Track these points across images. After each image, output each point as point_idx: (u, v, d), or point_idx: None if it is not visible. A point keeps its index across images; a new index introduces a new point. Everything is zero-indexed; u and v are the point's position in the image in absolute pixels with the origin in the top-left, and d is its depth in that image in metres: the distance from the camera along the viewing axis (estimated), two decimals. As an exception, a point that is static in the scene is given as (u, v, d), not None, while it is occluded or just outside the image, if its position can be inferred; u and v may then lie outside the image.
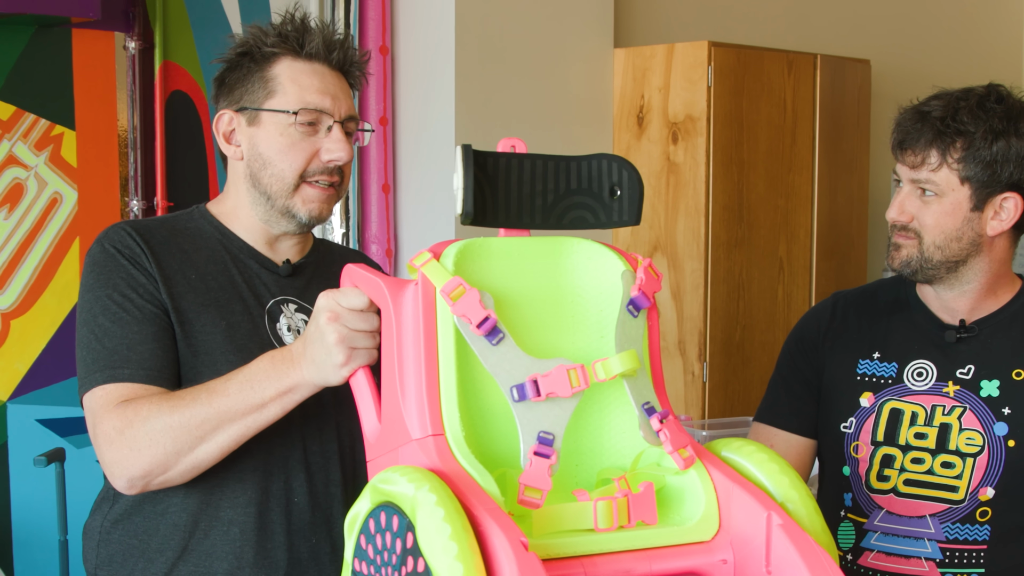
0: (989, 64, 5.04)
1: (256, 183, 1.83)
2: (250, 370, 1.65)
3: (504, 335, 1.36)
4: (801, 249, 3.97)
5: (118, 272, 1.76)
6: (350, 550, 1.34)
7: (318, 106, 1.81)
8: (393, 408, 1.41)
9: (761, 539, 1.34)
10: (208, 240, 1.85)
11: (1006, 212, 1.95)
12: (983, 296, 2.02)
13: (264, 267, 1.87)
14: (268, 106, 1.80)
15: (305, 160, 1.80)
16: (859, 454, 2.04)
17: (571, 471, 1.44)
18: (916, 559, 1.99)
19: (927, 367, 2.02)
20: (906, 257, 1.98)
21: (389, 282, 1.45)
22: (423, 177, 3.69)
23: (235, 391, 1.64)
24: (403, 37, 3.71)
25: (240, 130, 1.84)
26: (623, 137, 3.91)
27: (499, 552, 1.20)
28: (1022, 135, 1.92)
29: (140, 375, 1.70)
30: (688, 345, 3.79)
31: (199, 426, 1.64)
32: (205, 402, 1.64)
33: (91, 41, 3.39)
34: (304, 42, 1.82)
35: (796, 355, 2.15)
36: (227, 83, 1.85)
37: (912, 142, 1.95)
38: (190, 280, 1.79)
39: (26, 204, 3.33)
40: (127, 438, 1.66)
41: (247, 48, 1.83)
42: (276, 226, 1.86)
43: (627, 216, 1.48)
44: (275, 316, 1.84)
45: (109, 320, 1.73)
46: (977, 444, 1.97)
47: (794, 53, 3.93)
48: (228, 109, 1.84)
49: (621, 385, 1.40)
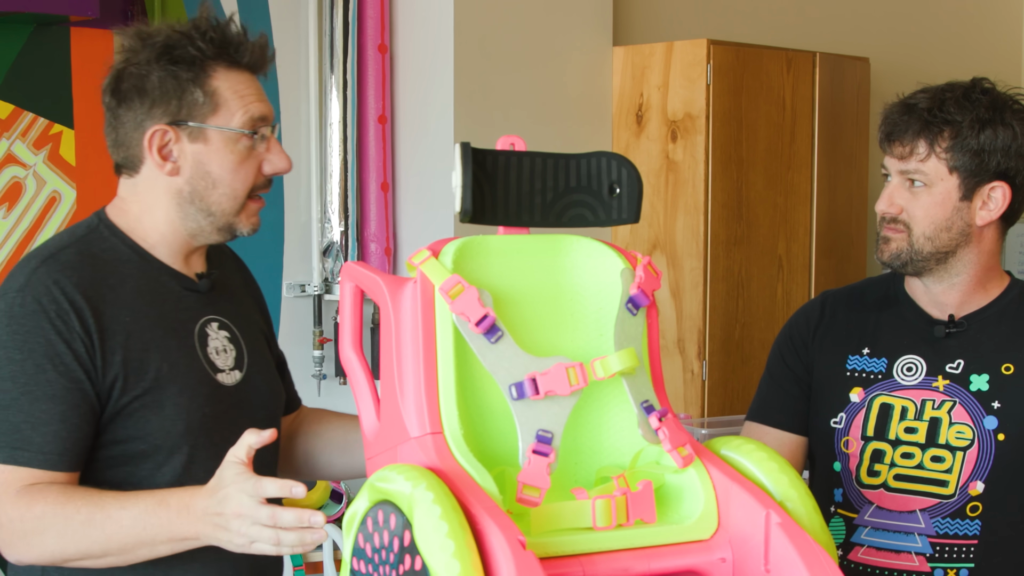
0: (988, 62, 5.04)
1: (197, 200, 1.75)
2: (147, 507, 1.61)
3: (503, 333, 1.36)
4: (800, 247, 3.97)
5: (36, 335, 1.65)
6: (348, 548, 1.34)
7: (263, 115, 1.76)
8: (392, 406, 1.40)
9: (760, 538, 1.34)
10: (128, 266, 1.76)
11: (994, 202, 1.97)
12: (973, 289, 2.03)
13: (184, 287, 1.80)
14: (215, 123, 1.73)
15: (254, 176, 1.76)
16: (849, 449, 2.04)
17: (570, 469, 1.44)
18: (906, 554, 2.00)
19: (917, 362, 2.03)
20: (896, 249, 1.99)
21: (388, 280, 1.45)
22: (422, 175, 3.69)
23: (129, 524, 1.61)
24: (402, 36, 3.71)
25: (179, 146, 1.74)
26: (622, 135, 3.91)
27: (497, 550, 1.20)
28: (1008, 124, 1.95)
29: (39, 460, 1.64)
30: (687, 343, 3.78)
31: (88, 546, 1.62)
32: (99, 525, 1.61)
33: (89, 40, 3.38)
34: (241, 52, 1.75)
35: (786, 353, 2.16)
36: (147, 90, 1.73)
37: (900, 133, 1.97)
38: (125, 324, 1.71)
39: (25, 203, 3.33)
40: (19, 531, 1.62)
41: (173, 56, 1.73)
42: (204, 239, 1.80)
43: (626, 214, 1.48)
44: (204, 340, 1.79)
45: (18, 390, 1.65)
46: (967, 438, 1.97)
47: (793, 51, 3.93)
48: (161, 123, 1.73)
49: (620, 383, 1.40)
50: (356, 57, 3.63)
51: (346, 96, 3.61)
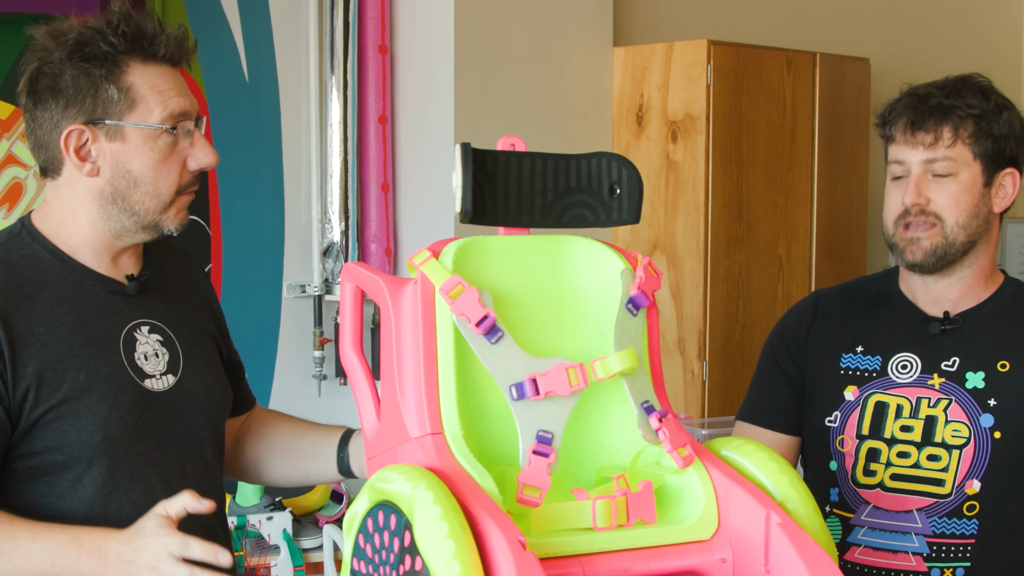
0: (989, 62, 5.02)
1: (119, 200, 1.70)
2: (57, 542, 1.57)
3: (503, 334, 1.36)
4: (801, 248, 3.97)
5: None
6: (348, 549, 1.34)
7: (183, 110, 1.70)
8: (392, 407, 1.41)
9: (760, 538, 1.34)
10: (47, 272, 1.70)
11: (1005, 189, 2.00)
12: (975, 284, 2.04)
13: (110, 291, 1.74)
14: (133, 120, 1.67)
15: (178, 173, 1.71)
16: (844, 448, 2.04)
17: (570, 470, 1.44)
18: (904, 554, 1.99)
19: (911, 360, 2.03)
20: (930, 247, 1.97)
21: (388, 280, 1.45)
22: (422, 176, 3.69)
23: (37, 558, 1.57)
24: (402, 36, 3.71)
25: (97, 145, 1.69)
26: (622, 136, 3.91)
27: (497, 551, 1.20)
28: (1016, 112, 2.00)
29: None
30: (687, 344, 3.78)
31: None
32: (7, 555, 1.57)
33: (90, 40, 3.39)
34: (156, 45, 1.70)
35: (778, 352, 2.16)
36: (61, 90, 1.68)
37: (923, 121, 1.96)
38: (38, 335, 1.65)
39: (25, 203, 3.33)
40: None
41: (85, 53, 1.67)
42: (130, 239, 1.74)
43: (626, 214, 1.48)
44: (131, 345, 1.73)
45: None
46: (963, 436, 1.97)
47: (793, 52, 3.93)
48: (77, 123, 1.67)
49: (620, 384, 1.40)
50: (356, 57, 3.63)
51: (346, 96, 3.61)
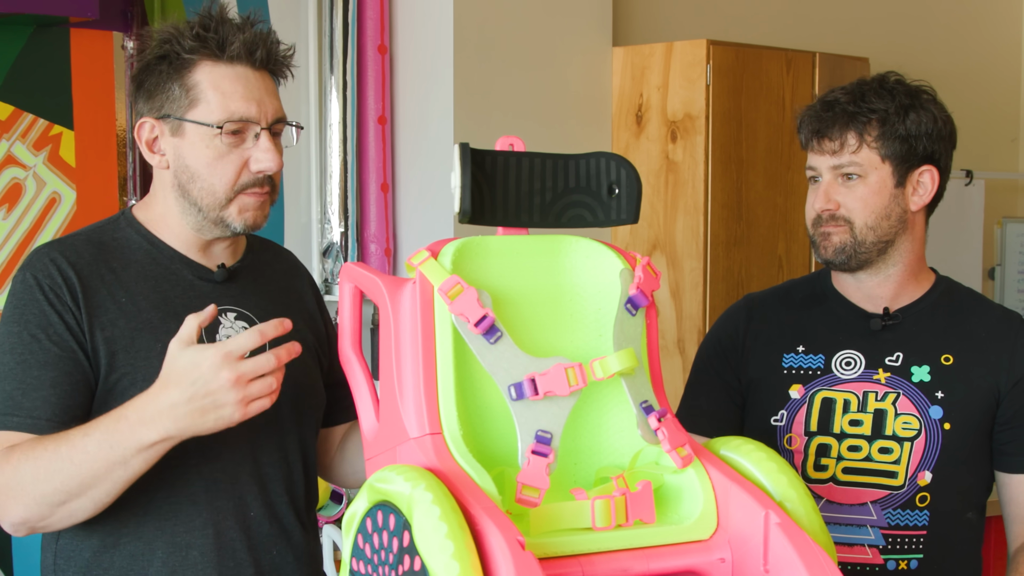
0: (988, 62, 5.03)
1: (185, 194, 1.76)
2: (107, 427, 1.60)
3: (502, 334, 1.36)
4: (800, 247, 3.97)
5: (32, 307, 1.69)
6: (347, 549, 1.34)
7: (243, 115, 1.72)
8: (391, 407, 1.41)
9: (759, 538, 1.34)
10: (136, 253, 1.78)
11: (923, 187, 2.02)
12: (905, 281, 2.05)
13: (198, 276, 1.79)
14: (191, 117, 1.72)
15: (235, 173, 1.73)
16: (793, 446, 2.04)
17: (569, 470, 1.44)
18: (859, 547, 2.00)
19: (855, 356, 2.04)
20: (839, 243, 2.01)
21: (387, 280, 1.45)
22: (422, 176, 3.69)
23: (94, 448, 1.59)
24: (401, 36, 3.71)
25: (164, 139, 1.76)
26: (621, 136, 3.91)
27: (496, 551, 1.20)
28: (927, 109, 2.00)
29: (27, 424, 1.65)
30: (687, 344, 3.78)
31: (64, 482, 1.60)
32: (66, 458, 1.60)
33: (89, 41, 3.38)
34: (224, 44, 1.72)
35: (714, 358, 2.15)
36: (145, 87, 1.77)
37: (827, 129, 2.00)
38: (120, 304, 1.72)
39: (25, 204, 3.33)
40: (3, 487, 1.62)
41: (164, 51, 1.74)
42: (209, 233, 1.79)
43: (625, 214, 1.48)
44: (214, 328, 1.76)
45: (14, 360, 1.68)
46: (914, 428, 1.99)
47: (793, 51, 3.93)
48: (149, 116, 1.76)
49: (619, 384, 1.40)
50: (356, 58, 3.63)
51: (346, 97, 3.60)
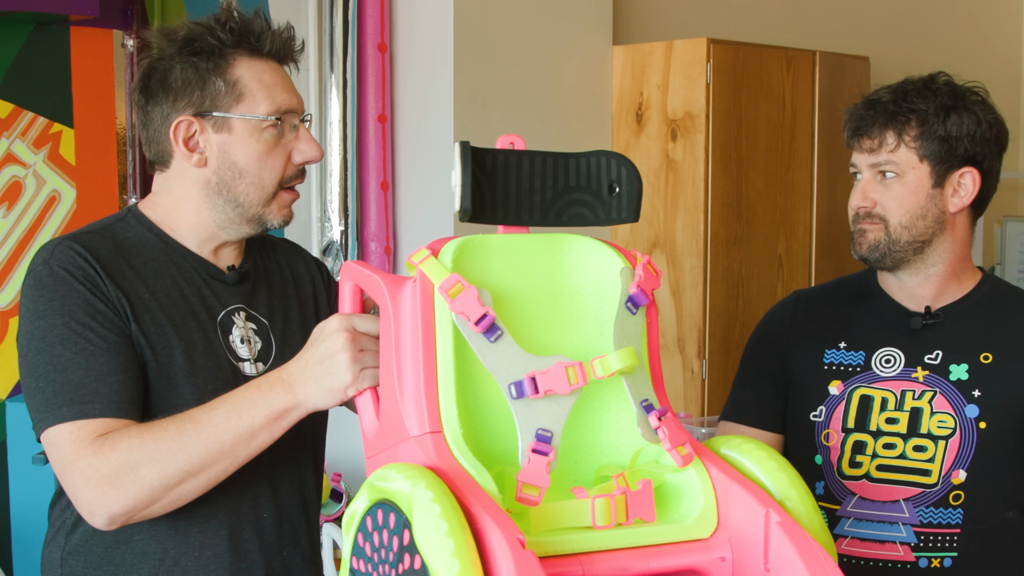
0: (988, 60, 5.03)
1: (225, 191, 1.75)
2: (235, 398, 1.60)
3: (502, 332, 1.36)
4: (800, 246, 3.97)
5: (73, 297, 1.65)
6: (347, 548, 1.34)
7: (289, 106, 1.75)
8: (391, 405, 1.40)
9: (759, 537, 1.34)
10: (151, 251, 1.75)
11: (964, 188, 2.01)
12: (947, 281, 2.06)
13: (211, 276, 1.78)
14: (239, 111, 1.72)
15: (283, 166, 1.75)
16: (830, 442, 2.06)
17: (569, 468, 1.44)
18: (891, 544, 2.01)
19: (895, 354, 2.05)
20: (873, 241, 2.02)
21: (387, 279, 1.45)
22: (422, 174, 3.69)
23: (222, 420, 1.58)
24: (401, 34, 3.71)
25: (204, 136, 1.74)
26: (622, 134, 3.91)
27: (496, 549, 1.20)
28: (971, 111, 1.99)
29: (112, 409, 1.61)
30: (687, 342, 3.78)
31: (187, 460, 1.58)
32: (192, 434, 1.58)
33: (89, 39, 3.38)
34: (262, 40, 1.74)
35: (760, 352, 2.18)
36: (171, 84, 1.73)
37: (867, 127, 2.01)
38: (144, 300, 1.70)
39: (24, 202, 3.33)
40: (108, 476, 1.57)
41: (194, 48, 1.73)
42: (234, 232, 1.78)
43: (626, 213, 1.48)
44: (227, 328, 1.77)
45: (70, 351, 1.62)
46: (949, 427, 1.99)
47: (793, 50, 3.93)
48: (186, 114, 1.73)
49: (620, 382, 1.40)
50: (356, 56, 3.63)
51: (346, 95, 3.60)
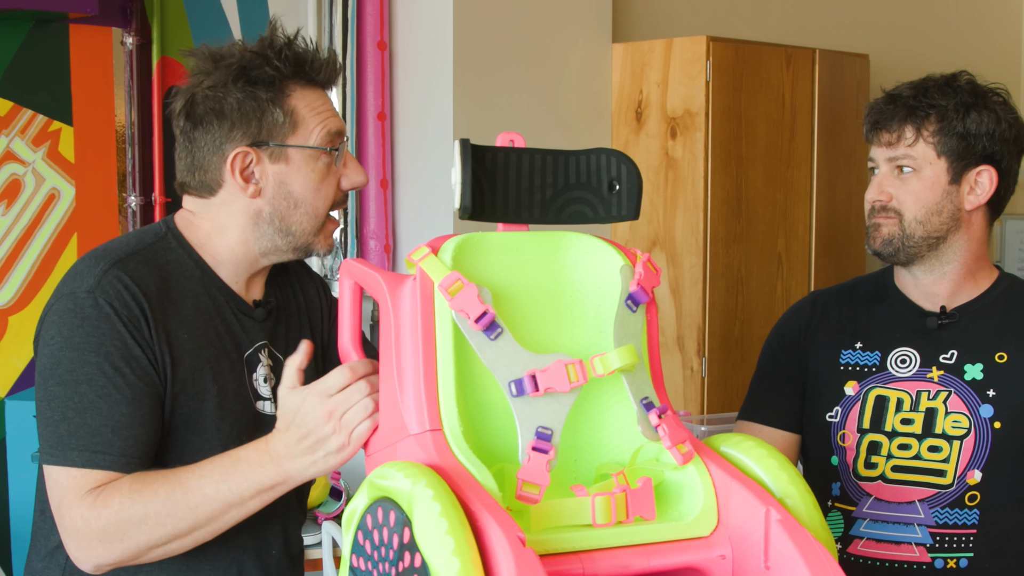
0: (988, 58, 5.03)
1: (277, 220, 1.71)
2: (224, 468, 1.58)
3: (502, 330, 1.36)
4: (800, 244, 3.97)
5: (112, 339, 1.61)
6: (347, 546, 1.34)
7: (340, 131, 1.73)
8: (391, 403, 1.40)
9: (760, 535, 1.34)
10: (190, 282, 1.72)
11: (980, 186, 2.01)
12: (962, 280, 2.05)
13: (240, 311, 1.76)
14: (295, 141, 1.70)
15: (334, 193, 1.74)
16: (846, 443, 2.06)
17: (569, 466, 1.44)
18: (907, 545, 2.01)
19: (910, 354, 2.05)
20: (887, 235, 2.02)
21: (387, 276, 1.45)
22: (421, 172, 3.69)
23: (211, 491, 1.57)
24: (401, 32, 3.70)
25: (260, 167, 1.70)
26: (621, 132, 3.91)
27: (496, 547, 1.20)
28: (991, 109, 2.00)
29: (120, 464, 1.60)
30: (687, 340, 3.78)
31: (175, 526, 1.57)
32: (180, 502, 1.57)
33: (89, 37, 3.38)
34: (316, 70, 1.72)
35: (778, 352, 2.18)
36: (225, 113, 1.69)
37: (886, 121, 2.01)
38: (183, 341, 1.67)
39: (24, 200, 3.32)
40: (97, 532, 1.57)
41: (251, 77, 1.69)
42: (276, 259, 1.76)
43: (626, 211, 1.47)
44: (253, 366, 1.76)
45: (95, 393, 1.60)
46: (963, 427, 1.99)
47: (792, 48, 3.93)
48: (242, 145, 1.69)
49: (619, 380, 1.40)
50: (355, 54, 3.63)
51: (345, 93, 3.60)
